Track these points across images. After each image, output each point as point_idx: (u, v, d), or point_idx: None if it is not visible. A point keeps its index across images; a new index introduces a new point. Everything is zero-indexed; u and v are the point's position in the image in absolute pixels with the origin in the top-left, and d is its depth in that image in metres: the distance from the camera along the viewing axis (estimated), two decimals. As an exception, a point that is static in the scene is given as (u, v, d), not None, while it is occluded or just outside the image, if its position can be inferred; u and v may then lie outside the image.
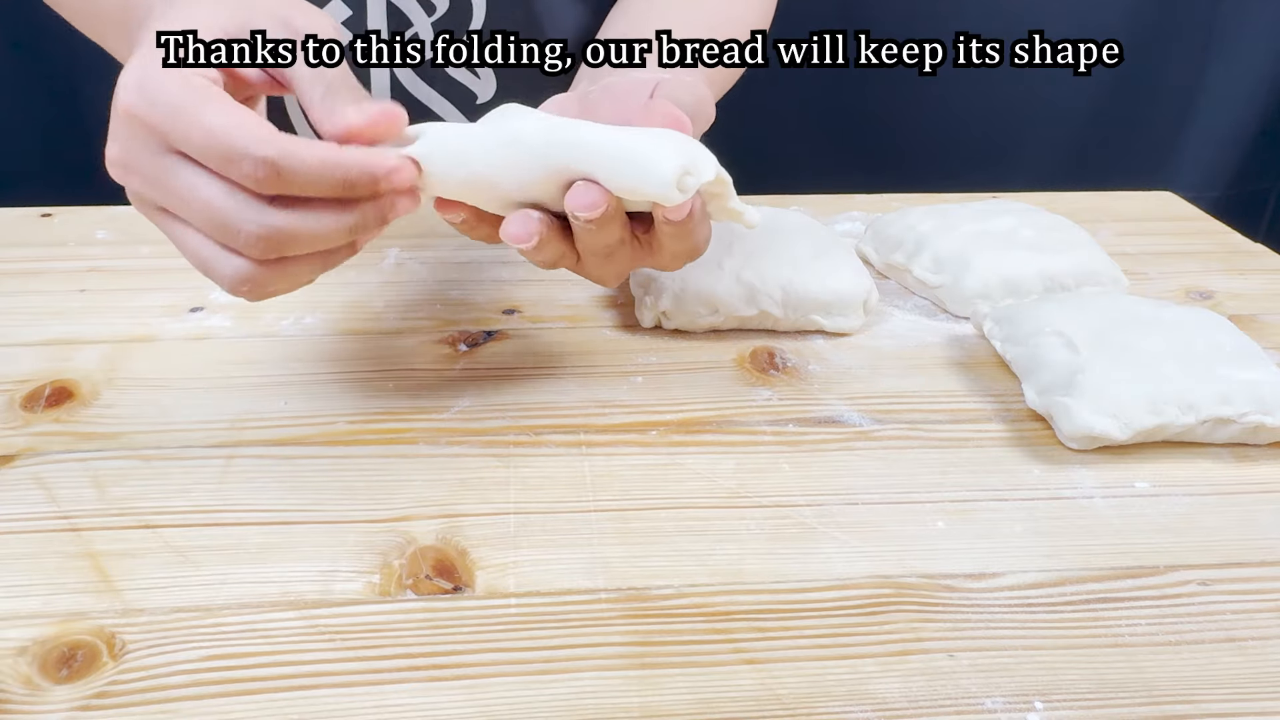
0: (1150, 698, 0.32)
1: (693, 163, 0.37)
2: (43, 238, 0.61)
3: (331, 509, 0.39)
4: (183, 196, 0.35)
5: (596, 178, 0.37)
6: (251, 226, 0.35)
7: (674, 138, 0.38)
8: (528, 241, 0.38)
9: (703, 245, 0.42)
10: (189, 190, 0.35)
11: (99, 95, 1.26)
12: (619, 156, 0.37)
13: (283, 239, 0.35)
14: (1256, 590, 0.37)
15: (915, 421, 0.46)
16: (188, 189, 0.35)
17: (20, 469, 0.41)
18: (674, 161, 0.36)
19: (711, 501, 0.40)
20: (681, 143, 0.38)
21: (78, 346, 0.49)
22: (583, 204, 0.37)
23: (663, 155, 0.37)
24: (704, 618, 0.35)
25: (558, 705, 0.31)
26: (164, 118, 0.34)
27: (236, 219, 0.35)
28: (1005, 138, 1.17)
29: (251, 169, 0.34)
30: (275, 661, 0.32)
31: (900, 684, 0.32)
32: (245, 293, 0.37)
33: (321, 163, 0.34)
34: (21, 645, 0.32)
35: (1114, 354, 0.44)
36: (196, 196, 0.35)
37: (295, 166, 0.34)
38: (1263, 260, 0.64)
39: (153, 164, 0.35)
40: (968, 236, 0.57)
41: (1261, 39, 1.15)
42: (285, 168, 0.34)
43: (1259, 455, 0.44)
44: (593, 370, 0.49)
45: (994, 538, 0.39)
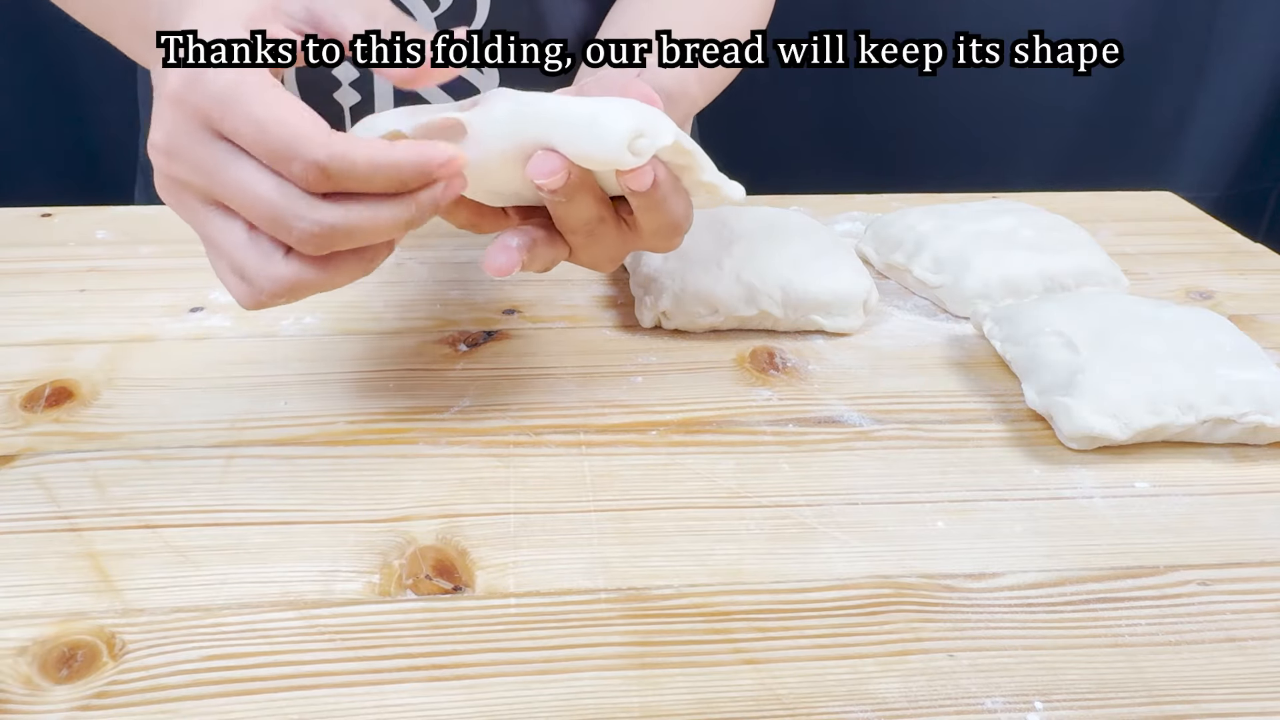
0: (1150, 698, 0.32)
1: (647, 125, 0.37)
2: (43, 238, 0.61)
3: (331, 509, 0.39)
4: (231, 186, 0.34)
5: (554, 145, 0.37)
6: (304, 223, 0.34)
7: (632, 104, 0.38)
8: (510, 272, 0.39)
9: (682, 220, 0.41)
10: (239, 181, 0.34)
11: (99, 95, 1.26)
12: (573, 121, 0.37)
13: (337, 235, 0.34)
14: (1256, 590, 0.37)
15: (915, 421, 0.46)
16: (238, 180, 0.34)
17: (20, 469, 0.41)
18: (625, 123, 0.36)
19: (711, 501, 0.40)
20: (638, 108, 0.38)
21: (78, 346, 0.49)
22: (541, 171, 0.37)
23: (614, 117, 0.37)
24: (704, 618, 0.35)
25: (558, 705, 0.31)
26: (215, 107, 0.33)
27: (288, 214, 0.34)
28: (1005, 138, 1.17)
29: (301, 171, 0.33)
30: (275, 661, 0.32)
31: (900, 684, 0.32)
32: (284, 295, 0.36)
33: (372, 165, 0.34)
34: (21, 645, 0.32)
35: (1114, 354, 0.44)
36: (247, 189, 0.34)
37: (345, 169, 0.34)
38: (1263, 260, 0.64)
39: (202, 151, 0.34)
40: (968, 236, 0.57)
41: (1261, 39, 1.15)
42: (334, 170, 0.33)
43: (1259, 455, 0.44)
44: (593, 370, 0.49)
45: (994, 538, 0.39)
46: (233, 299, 0.37)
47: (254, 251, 0.35)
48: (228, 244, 0.36)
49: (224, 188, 0.34)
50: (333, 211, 0.34)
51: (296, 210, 0.34)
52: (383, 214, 0.35)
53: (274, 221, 0.34)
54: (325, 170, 0.33)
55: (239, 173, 0.34)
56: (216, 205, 0.36)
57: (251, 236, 0.35)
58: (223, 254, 0.36)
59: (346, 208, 0.34)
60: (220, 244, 0.36)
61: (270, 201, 0.34)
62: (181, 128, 0.34)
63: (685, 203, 0.41)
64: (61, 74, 1.08)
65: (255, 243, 0.35)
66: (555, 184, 0.37)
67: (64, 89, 1.09)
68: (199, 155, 0.34)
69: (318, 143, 0.33)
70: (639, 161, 0.37)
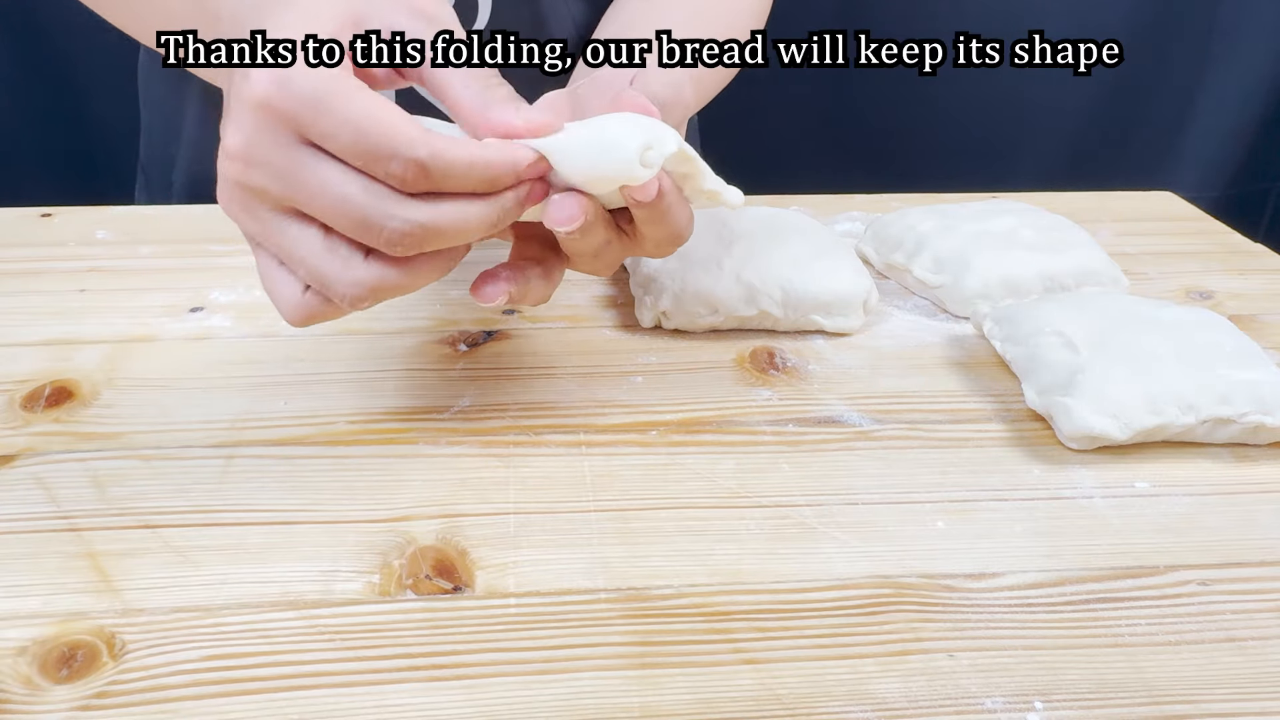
0: (1150, 698, 0.32)
1: (653, 137, 0.37)
2: (43, 238, 0.61)
3: (331, 509, 0.39)
4: (315, 191, 0.33)
5: (565, 173, 0.37)
6: (395, 223, 0.33)
7: (632, 118, 0.38)
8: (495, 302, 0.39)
9: (684, 229, 0.41)
10: (323, 185, 0.33)
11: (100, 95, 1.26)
12: (583, 148, 0.37)
13: (427, 234, 0.34)
14: (1256, 590, 0.37)
15: (915, 421, 0.46)
16: (322, 184, 0.33)
17: (20, 469, 0.41)
18: (635, 139, 0.37)
19: (711, 501, 0.40)
20: (640, 120, 0.38)
21: (78, 346, 0.49)
22: (561, 219, 0.37)
23: (623, 134, 0.37)
24: (704, 618, 0.35)
25: (558, 705, 0.31)
26: (306, 110, 0.32)
27: (379, 215, 0.33)
28: (1005, 138, 1.17)
29: (400, 169, 0.33)
30: (275, 661, 0.32)
31: (900, 684, 0.32)
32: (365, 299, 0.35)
33: (469, 164, 0.34)
34: (21, 645, 0.32)
35: (1114, 354, 0.44)
36: (332, 191, 0.33)
37: (444, 168, 0.33)
38: (1263, 260, 0.64)
39: (283, 157, 0.33)
40: (968, 236, 0.57)
41: (1261, 39, 1.15)
42: (434, 168, 0.33)
43: (1259, 455, 0.44)
44: (593, 370, 0.49)
45: (994, 538, 0.39)
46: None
47: (333, 257, 0.35)
48: (303, 251, 0.35)
49: (307, 192, 0.34)
50: (424, 210, 0.34)
51: (387, 210, 0.33)
52: (471, 213, 0.35)
53: (363, 223, 0.34)
54: (425, 168, 0.33)
55: (325, 176, 0.33)
56: (290, 213, 0.35)
57: (329, 242, 0.35)
58: (298, 263, 0.35)
59: (436, 206, 0.34)
60: (295, 252, 0.35)
61: (359, 203, 0.33)
62: (265, 134, 0.33)
63: (687, 212, 0.41)
64: (62, 74, 1.08)
65: (333, 248, 0.35)
66: (574, 228, 0.37)
67: (64, 89, 1.09)
68: (281, 161, 0.33)
69: (418, 141, 0.33)
70: (650, 174, 0.37)
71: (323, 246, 0.35)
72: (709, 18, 0.57)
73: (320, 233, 0.35)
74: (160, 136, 0.74)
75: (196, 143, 0.70)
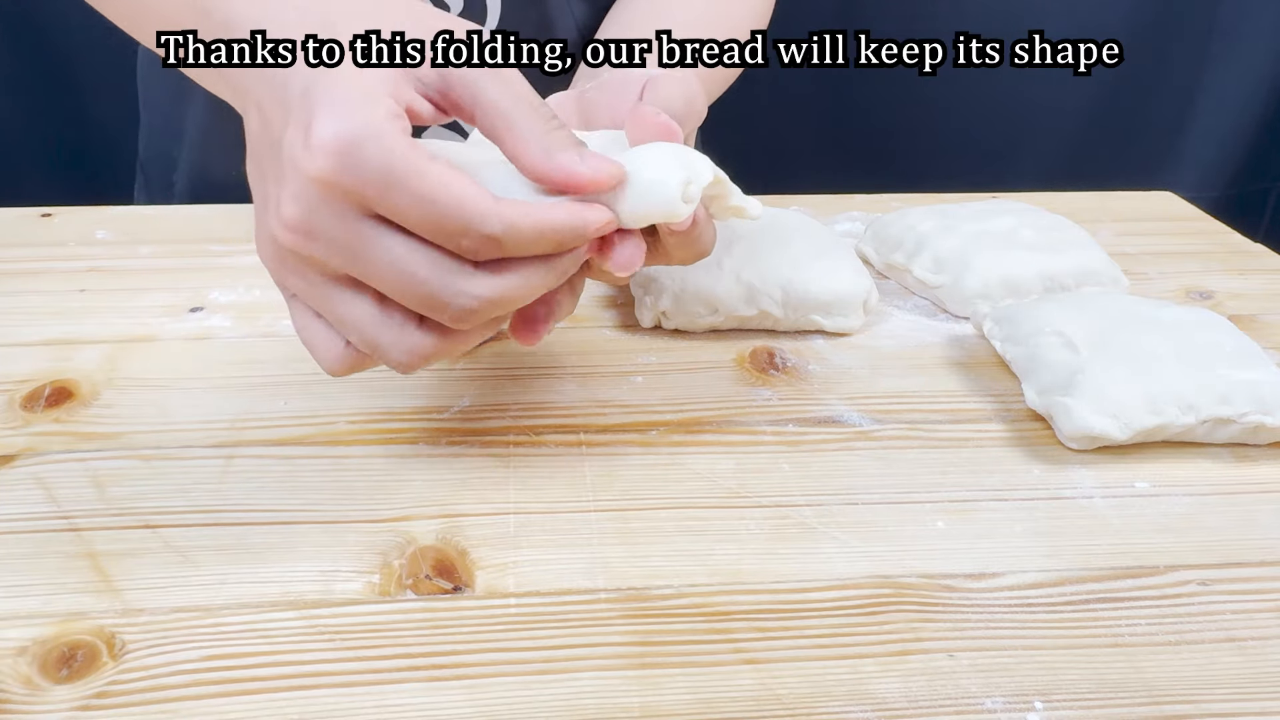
0: (1150, 698, 0.32)
1: (692, 172, 0.37)
2: (43, 238, 0.61)
3: (331, 509, 0.39)
4: (378, 265, 0.32)
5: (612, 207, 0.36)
6: (462, 299, 0.32)
7: (669, 151, 0.37)
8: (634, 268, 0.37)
9: (709, 247, 0.41)
10: (387, 260, 0.32)
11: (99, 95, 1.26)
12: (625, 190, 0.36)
13: (493, 307, 0.33)
14: (1256, 590, 0.37)
15: (915, 421, 0.46)
16: (386, 259, 0.32)
17: (20, 469, 0.41)
18: (675, 177, 0.36)
19: (711, 501, 0.40)
20: (677, 154, 0.37)
21: (78, 346, 0.49)
22: (623, 263, 0.36)
23: (662, 174, 0.36)
24: (704, 618, 0.35)
25: (558, 705, 0.31)
26: (375, 184, 0.31)
27: (446, 291, 0.32)
28: (1005, 138, 1.17)
29: (473, 244, 0.32)
30: (275, 661, 0.32)
31: (900, 684, 0.32)
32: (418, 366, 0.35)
33: (538, 231, 0.33)
34: (21, 645, 0.32)
35: (1114, 354, 0.44)
36: (397, 267, 0.32)
37: (516, 239, 0.32)
38: (1263, 260, 0.64)
39: (345, 230, 0.32)
40: (968, 236, 0.57)
41: (1261, 39, 1.15)
42: (507, 241, 0.32)
43: (1259, 455, 0.44)
44: (593, 370, 0.49)
45: (994, 538, 0.39)
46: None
47: (387, 326, 0.34)
48: (355, 318, 0.34)
49: (371, 266, 0.32)
50: (489, 284, 0.33)
51: (455, 285, 0.32)
52: (535, 281, 0.34)
53: (428, 299, 0.32)
54: (499, 241, 0.32)
55: (390, 251, 0.32)
56: (345, 280, 0.34)
57: (382, 311, 0.34)
58: (348, 328, 0.34)
59: (501, 278, 0.33)
60: (346, 318, 0.34)
61: (424, 279, 0.32)
62: (329, 208, 0.31)
63: (713, 230, 0.41)
64: (62, 74, 1.08)
65: (387, 316, 0.34)
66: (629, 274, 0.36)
67: (64, 89, 1.09)
68: (344, 235, 0.32)
69: (490, 214, 0.32)
70: (690, 209, 0.36)
71: (377, 316, 0.34)
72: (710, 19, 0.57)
73: (374, 301, 0.33)
74: (161, 136, 0.74)
75: (199, 144, 0.70)
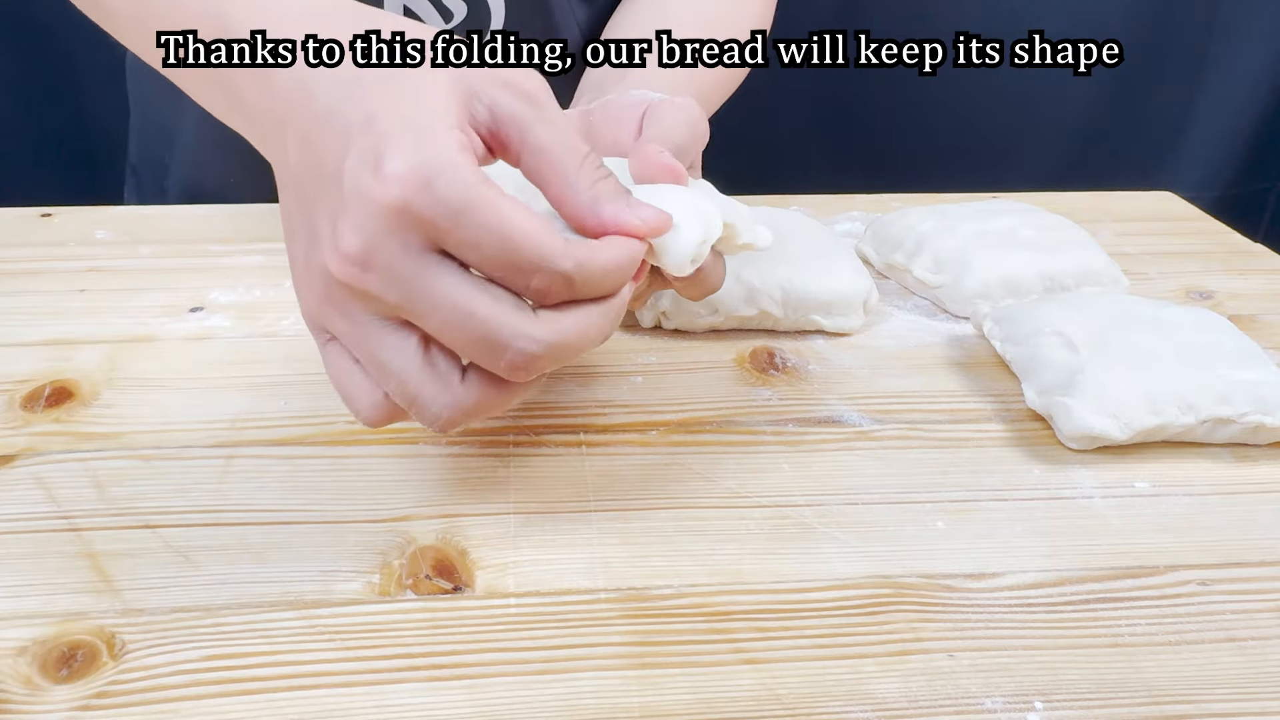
0: (1150, 698, 0.32)
1: (706, 228, 0.36)
2: (43, 238, 0.61)
3: (331, 509, 0.39)
4: (437, 304, 0.30)
5: None
6: (524, 342, 0.30)
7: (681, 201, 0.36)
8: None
9: (718, 284, 0.40)
10: (447, 298, 0.30)
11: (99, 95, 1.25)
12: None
13: (554, 353, 0.31)
14: (1256, 590, 0.37)
15: (915, 421, 0.46)
16: (446, 297, 0.30)
17: (20, 469, 0.41)
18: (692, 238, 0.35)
19: (711, 501, 0.40)
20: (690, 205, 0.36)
21: (78, 346, 0.49)
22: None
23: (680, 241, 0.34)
24: (704, 618, 0.35)
25: (557, 705, 0.31)
26: (448, 215, 0.29)
27: (506, 330, 0.30)
28: (1005, 138, 1.17)
29: (544, 283, 0.30)
30: (275, 661, 0.32)
31: (900, 684, 0.32)
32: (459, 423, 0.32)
33: (606, 271, 0.31)
34: (21, 645, 0.32)
35: (1114, 354, 0.44)
36: (457, 303, 0.30)
37: (587, 277, 0.31)
38: (1263, 260, 0.64)
39: (408, 263, 0.30)
40: (968, 236, 0.57)
41: (1261, 39, 1.15)
42: (578, 280, 0.31)
43: (1259, 455, 0.44)
44: (593, 370, 0.49)
45: (994, 538, 0.39)
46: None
47: (430, 376, 0.32)
48: (398, 365, 0.32)
49: (428, 304, 0.30)
50: (551, 327, 0.31)
51: (517, 328, 0.30)
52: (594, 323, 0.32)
53: (485, 340, 0.30)
54: (570, 280, 0.31)
55: (451, 289, 0.30)
56: (394, 321, 0.32)
57: (426, 359, 0.32)
58: (389, 376, 0.32)
59: (562, 321, 0.31)
60: (389, 365, 0.32)
61: (484, 318, 0.30)
62: (395, 239, 0.30)
63: (723, 268, 0.40)
64: (61, 73, 1.08)
65: (431, 365, 0.32)
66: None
67: (64, 89, 1.09)
68: (404, 268, 0.30)
69: (561, 252, 0.30)
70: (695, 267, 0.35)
71: (420, 362, 0.32)
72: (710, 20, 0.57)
73: (420, 345, 0.32)
74: (153, 140, 0.74)
75: (193, 150, 0.70)
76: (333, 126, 0.31)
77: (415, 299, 0.30)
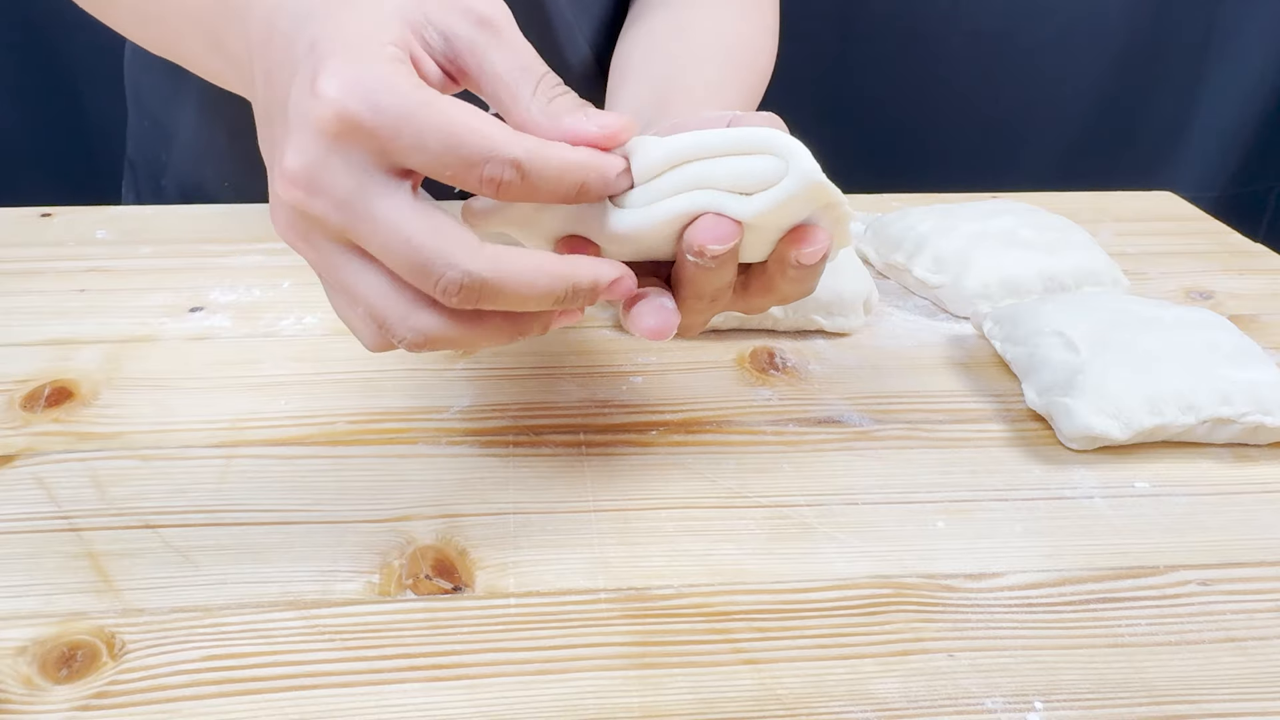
0: (1150, 698, 0.32)
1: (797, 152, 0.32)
2: (43, 238, 0.61)
3: (331, 509, 0.39)
4: (376, 227, 0.30)
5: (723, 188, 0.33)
6: (454, 273, 0.30)
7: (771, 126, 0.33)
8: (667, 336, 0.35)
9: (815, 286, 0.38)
10: (387, 219, 0.30)
11: (99, 95, 1.25)
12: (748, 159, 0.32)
13: (486, 290, 0.31)
14: (1256, 590, 0.37)
15: (915, 421, 0.46)
16: (386, 218, 0.30)
17: (20, 469, 0.41)
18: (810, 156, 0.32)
19: (711, 501, 0.40)
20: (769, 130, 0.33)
21: (78, 346, 0.49)
22: (712, 237, 0.33)
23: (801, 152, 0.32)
24: (704, 618, 0.35)
25: (558, 705, 0.31)
26: (386, 125, 0.29)
27: (439, 261, 0.30)
28: (1005, 138, 1.17)
29: (496, 172, 0.30)
30: (275, 661, 0.32)
31: (900, 684, 0.32)
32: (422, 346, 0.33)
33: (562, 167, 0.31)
34: (21, 645, 0.32)
35: (1114, 354, 0.44)
36: (395, 229, 0.30)
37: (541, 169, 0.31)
38: (1263, 260, 0.64)
39: (351, 184, 0.30)
40: (968, 236, 0.57)
41: (1261, 39, 1.15)
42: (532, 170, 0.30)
43: (1259, 455, 0.44)
44: (592, 370, 0.49)
45: (994, 538, 0.39)
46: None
47: (395, 300, 0.32)
48: (363, 289, 0.32)
49: (367, 227, 0.30)
50: (487, 263, 0.31)
51: (450, 257, 0.30)
52: (540, 282, 0.32)
53: (421, 268, 0.30)
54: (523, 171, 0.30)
55: (389, 210, 0.30)
56: (351, 247, 0.32)
57: (393, 284, 0.32)
58: (358, 299, 0.32)
59: (500, 259, 0.31)
60: (355, 289, 0.32)
61: (418, 246, 0.30)
62: (335, 157, 0.30)
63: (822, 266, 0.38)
64: (60, 73, 1.08)
65: (398, 291, 0.32)
66: (722, 250, 0.34)
67: (64, 89, 1.09)
68: (346, 190, 0.30)
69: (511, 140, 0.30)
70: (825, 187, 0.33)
71: (386, 285, 0.32)
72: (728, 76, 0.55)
73: (384, 272, 0.32)
74: (150, 137, 0.73)
75: (190, 147, 0.70)
76: (287, 57, 0.32)
77: (357, 220, 0.31)
